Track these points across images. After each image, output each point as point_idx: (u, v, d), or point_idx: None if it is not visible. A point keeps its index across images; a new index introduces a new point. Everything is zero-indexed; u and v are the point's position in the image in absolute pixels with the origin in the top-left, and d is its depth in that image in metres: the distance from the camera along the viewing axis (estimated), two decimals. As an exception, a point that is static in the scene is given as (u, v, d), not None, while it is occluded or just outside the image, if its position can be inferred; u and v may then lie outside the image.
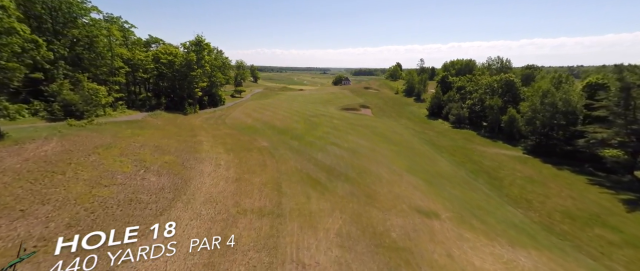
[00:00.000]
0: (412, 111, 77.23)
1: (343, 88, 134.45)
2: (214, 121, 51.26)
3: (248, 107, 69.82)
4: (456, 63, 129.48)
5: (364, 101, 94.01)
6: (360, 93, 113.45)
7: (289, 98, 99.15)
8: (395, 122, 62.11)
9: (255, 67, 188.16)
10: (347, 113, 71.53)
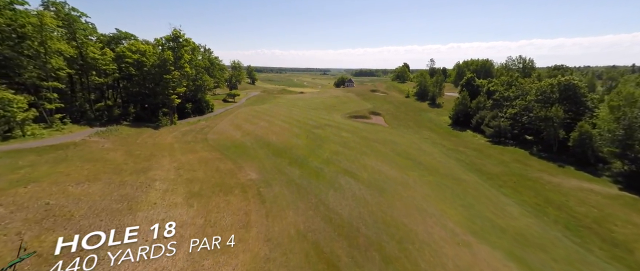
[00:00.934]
0: (431, 119, 66.42)
1: (347, 91, 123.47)
2: (193, 137, 40.29)
3: (239, 116, 58.90)
4: (471, 63, 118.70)
5: (372, 106, 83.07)
6: (367, 97, 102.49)
7: (288, 103, 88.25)
8: (416, 135, 51.20)
9: (252, 68, 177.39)
10: (357, 122, 60.68)
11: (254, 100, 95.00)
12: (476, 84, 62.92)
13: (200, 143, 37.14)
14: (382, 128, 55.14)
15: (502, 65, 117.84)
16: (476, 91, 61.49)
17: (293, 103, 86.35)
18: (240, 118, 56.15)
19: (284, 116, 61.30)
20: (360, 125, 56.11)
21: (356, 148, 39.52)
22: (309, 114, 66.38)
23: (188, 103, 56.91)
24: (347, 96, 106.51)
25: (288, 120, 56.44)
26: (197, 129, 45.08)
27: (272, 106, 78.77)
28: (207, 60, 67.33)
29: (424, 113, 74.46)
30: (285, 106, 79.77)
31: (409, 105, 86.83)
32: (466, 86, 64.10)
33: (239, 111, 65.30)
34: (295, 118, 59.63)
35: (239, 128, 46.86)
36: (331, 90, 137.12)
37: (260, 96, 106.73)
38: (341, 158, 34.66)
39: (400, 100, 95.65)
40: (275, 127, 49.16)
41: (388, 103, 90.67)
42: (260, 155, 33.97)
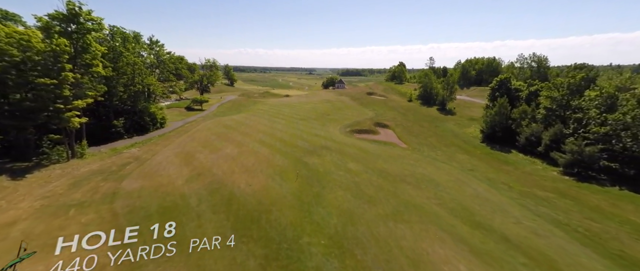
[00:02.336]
0: (453, 132, 52.08)
1: (340, 94, 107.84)
2: (91, 189, 22.69)
3: (199, 134, 41.41)
4: (475, 62, 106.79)
5: (375, 115, 67.89)
6: (365, 102, 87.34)
7: (271, 110, 71.24)
8: (453, 162, 36.01)
9: (230, 68, 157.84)
10: (363, 140, 44.94)
11: (228, 107, 77.06)
12: (513, 88, 49.25)
13: (92, 208, 19.80)
14: (401, 151, 39.69)
15: (510, 64, 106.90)
16: (513, 96, 47.81)
17: (277, 111, 69.47)
18: (198, 139, 38.74)
19: (264, 133, 44.50)
20: (369, 147, 40.40)
21: (378, 198, 23.72)
22: (297, 128, 49.98)
23: (119, 119, 38.76)
24: (341, 100, 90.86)
25: (268, 141, 39.76)
26: (114, 167, 27.42)
27: (250, 116, 61.52)
28: (153, 57, 49.08)
29: (440, 123, 60.02)
30: (267, 116, 62.77)
31: (417, 112, 72.41)
32: (499, 90, 50.24)
33: (202, 126, 47.64)
34: (279, 136, 43.04)
35: (189, 162, 29.65)
36: (321, 92, 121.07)
37: (237, 101, 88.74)
38: (361, 230, 18.83)
39: (404, 106, 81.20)
40: (247, 157, 32.34)
41: (392, 109, 75.85)
42: (207, 229, 17.52)
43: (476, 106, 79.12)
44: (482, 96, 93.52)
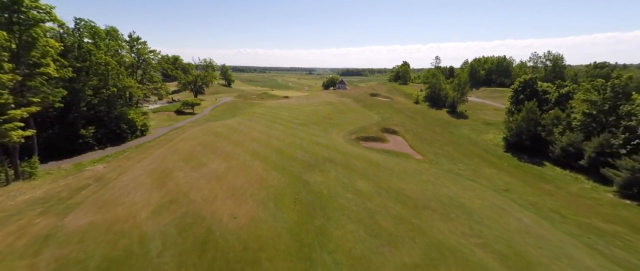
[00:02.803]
0: (471, 139, 46.57)
1: (341, 96, 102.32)
2: (15, 234, 16.97)
3: (182, 145, 35.82)
4: (484, 61, 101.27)
5: (381, 118, 62.35)
6: (368, 104, 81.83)
7: (268, 114, 65.70)
8: (481, 179, 30.33)
9: (227, 68, 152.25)
10: (371, 150, 39.33)
11: (222, 110, 71.52)
12: (541, 90, 43.54)
13: (4, 267, 14.24)
14: (416, 164, 34.11)
15: (520, 63, 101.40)
16: (541, 99, 42.18)
17: (275, 115, 63.94)
18: (181, 151, 33.17)
19: (258, 141, 38.97)
20: (379, 159, 34.83)
21: (400, 236, 18.22)
22: (297, 135, 44.47)
23: (88, 128, 33.18)
24: (344, 102, 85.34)
25: (263, 152, 34.25)
26: (65, 192, 21.86)
27: (244, 121, 55.97)
28: (131, 55, 43.22)
29: (453, 128, 54.46)
30: (263, 120, 57.23)
31: (426, 116, 66.86)
32: (523, 92, 44.57)
33: (188, 134, 42.03)
34: (276, 146, 37.50)
35: (162, 183, 24.07)
36: (322, 93, 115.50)
37: (233, 103, 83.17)
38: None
39: (411, 108, 75.66)
40: (236, 174, 26.82)
41: (398, 112, 70.31)
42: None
43: (488, 108, 73.63)
44: (493, 97, 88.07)
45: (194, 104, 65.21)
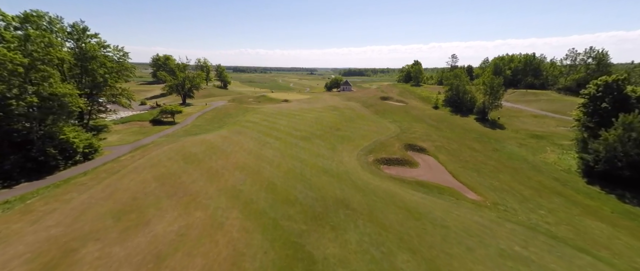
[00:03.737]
0: (526, 161, 35.37)
1: (348, 99, 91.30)
2: None
3: (126, 183, 24.70)
4: (509, 60, 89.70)
5: (399, 129, 51.24)
6: (380, 109, 70.78)
7: (263, 122, 54.78)
8: (596, 249, 19.21)
9: (223, 68, 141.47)
10: (402, 183, 28.19)
11: (209, 118, 60.63)
12: (636, 96, 31.95)
13: None
14: (475, 210, 22.95)
15: (551, 62, 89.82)
16: (626, 104, 30.99)
17: (271, 125, 53.03)
18: (122, 192, 22.22)
19: (243, 169, 28.08)
20: (418, 201, 23.74)
21: None
22: (296, 156, 33.57)
23: (-13, 157, 22.34)
24: (351, 107, 74.32)
25: (247, 190, 23.35)
26: None
27: (231, 134, 45.08)
28: (78, 51, 31.91)
29: (495, 143, 43.26)
30: (256, 132, 46.35)
31: (452, 125, 55.66)
32: (603, 99, 33.05)
33: (147, 159, 31.02)
34: (267, 176, 26.64)
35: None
36: (325, 96, 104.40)
37: (224, 109, 72.31)
38: None
39: (431, 115, 64.46)
40: (191, 249, 15.82)
41: (418, 120, 59.16)
42: None
43: (525, 115, 62.23)
44: (526, 101, 75.69)
45: (175, 112, 54.37)
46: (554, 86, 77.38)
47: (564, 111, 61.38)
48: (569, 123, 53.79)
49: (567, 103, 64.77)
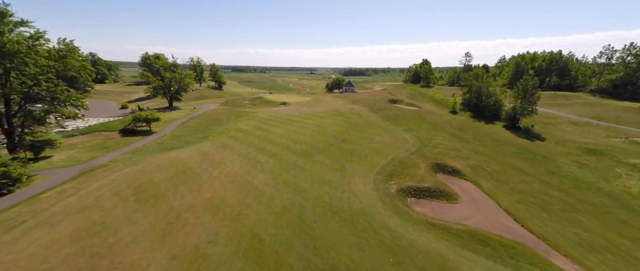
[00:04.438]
0: (599, 189, 26.71)
1: (352, 102, 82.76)
2: None
3: (31, 245, 15.98)
4: (532, 58, 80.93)
5: (418, 140, 42.58)
6: (391, 114, 62.21)
7: (255, 131, 46.17)
8: None
9: (217, 68, 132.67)
10: (449, 237, 19.74)
11: (193, 125, 51.99)
12: None
13: None
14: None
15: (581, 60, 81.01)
16: None
17: (264, 136, 44.45)
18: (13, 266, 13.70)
19: (217, 211, 19.50)
20: None
21: None
22: (294, 184, 25.06)
23: None
24: (357, 112, 65.72)
25: (214, 255, 14.68)
26: None
27: (214, 149, 36.46)
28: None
29: (547, 162, 34.48)
30: (243, 147, 37.74)
31: (480, 134, 47.03)
32: None
33: (85, 193, 22.38)
34: (250, 223, 18.19)
35: None
36: (327, 98, 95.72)
37: (214, 114, 63.69)
38: None
39: (451, 121, 55.81)
40: None
41: (437, 129, 50.55)
42: None
43: (563, 122, 53.43)
44: (558, 105, 65.58)
45: (150, 119, 45.63)
46: (585, 88, 68.68)
47: (608, 117, 52.75)
48: (621, 133, 45.26)
49: (608, 107, 56.23)
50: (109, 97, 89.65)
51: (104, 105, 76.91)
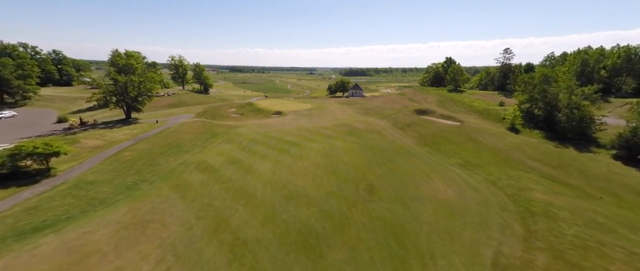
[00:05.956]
0: None
1: (364, 112, 64.58)
2: None
3: None
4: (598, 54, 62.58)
5: (494, 187, 24.64)
6: (425, 133, 44.02)
7: (226, 169, 28.01)
8: None
9: (202, 68, 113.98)
10: None
11: (128, 161, 33.55)
12: None
13: None
14: None
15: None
16: None
17: (237, 184, 26.34)
18: None
19: None
20: None
21: None
22: None
23: None
24: (376, 128, 47.48)
25: None
26: None
27: (127, 230, 18.06)
28: None
29: None
30: (190, 216, 19.53)
31: (600, 178, 28.86)
32: None
33: None
34: None
35: None
36: (331, 103, 77.32)
37: (177, 133, 45.48)
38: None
39: (522, 146, 37.64)
40: None
41: (514, 165, 32.35)
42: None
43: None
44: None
45: (47, 154, 27.16)
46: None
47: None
48: None
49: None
50: (58, 104, 71.32)
51: (41, 116, 58.76)
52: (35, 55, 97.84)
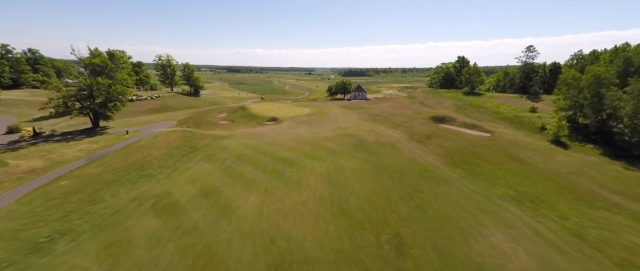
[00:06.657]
0: None
1: (372, 119, 56.25)
2: None
3: None
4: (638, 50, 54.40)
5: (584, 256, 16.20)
6: (451, 150, 35.57)
7: (192, 207, 19.41)
8: None
9: (192, 68, 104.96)
10: None
11: (61, 195, 24.93)
12: None
13: None
14: None
15: None
16: None
17: (199, 253, 17.57)
18: None
19: None
20: None
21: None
22: None
23: None
24: (389, 141, 38.89)
25: None
26: None
27: None
28: None
29: None
30: None
31: None
32: None
33: None
34: None
35: None
36: (332, 107, 68.78)
37: (147, 148, 36.91)
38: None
39: (588, 172, 29.39)
40: None
41: (588, 200, 23.89)
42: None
43: None
44: None
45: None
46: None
47: None
48: None
49: None
50: (21, 109, 62.52)
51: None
52: (6, 54, 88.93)
